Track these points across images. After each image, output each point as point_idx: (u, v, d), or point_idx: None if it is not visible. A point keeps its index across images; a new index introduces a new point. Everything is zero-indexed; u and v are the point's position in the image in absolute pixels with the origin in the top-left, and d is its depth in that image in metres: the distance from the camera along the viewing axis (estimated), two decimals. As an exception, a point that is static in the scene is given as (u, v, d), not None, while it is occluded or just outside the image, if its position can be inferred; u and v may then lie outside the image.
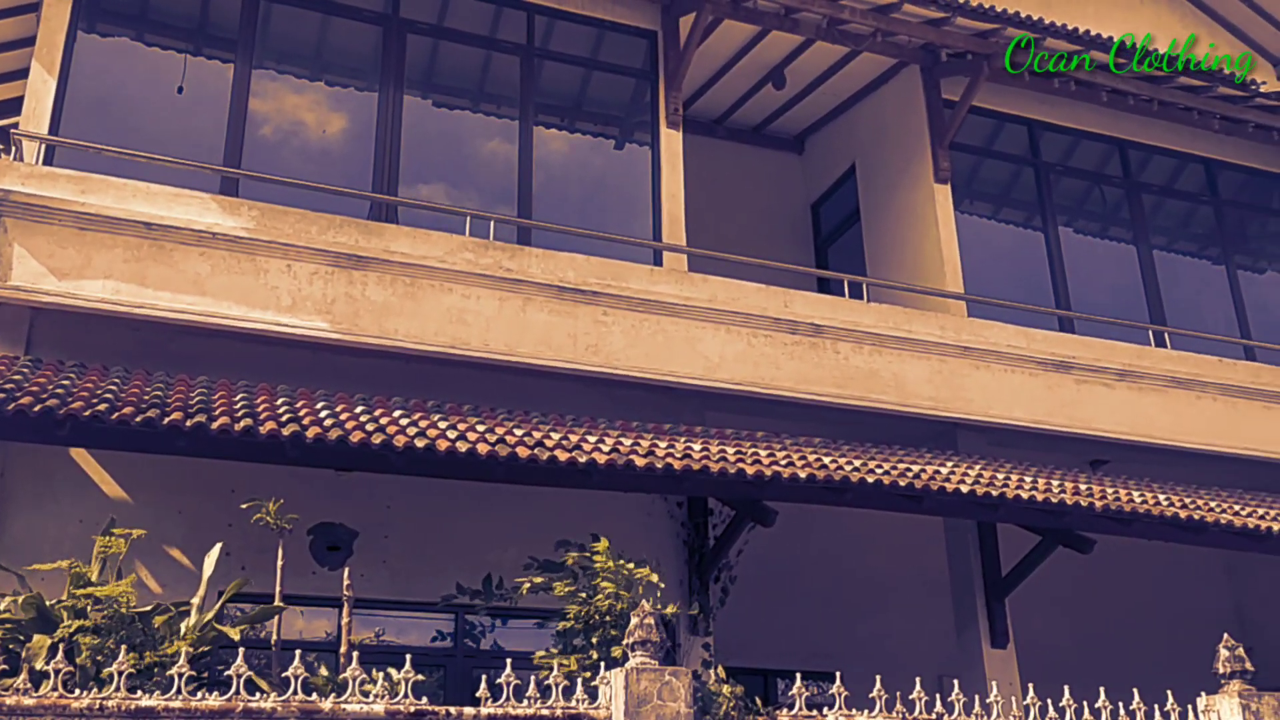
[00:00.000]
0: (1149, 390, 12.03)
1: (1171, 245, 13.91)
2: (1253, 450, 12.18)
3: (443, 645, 9.38)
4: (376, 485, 9.01)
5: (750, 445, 9.56)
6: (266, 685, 5.96)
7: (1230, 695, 7.03)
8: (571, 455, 8.27)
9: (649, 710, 5.68)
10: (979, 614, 10.99)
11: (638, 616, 6.01)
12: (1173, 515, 10.01)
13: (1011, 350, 11.60)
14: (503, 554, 8.97)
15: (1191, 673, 8.05)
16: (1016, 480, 10.02)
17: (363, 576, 8.62)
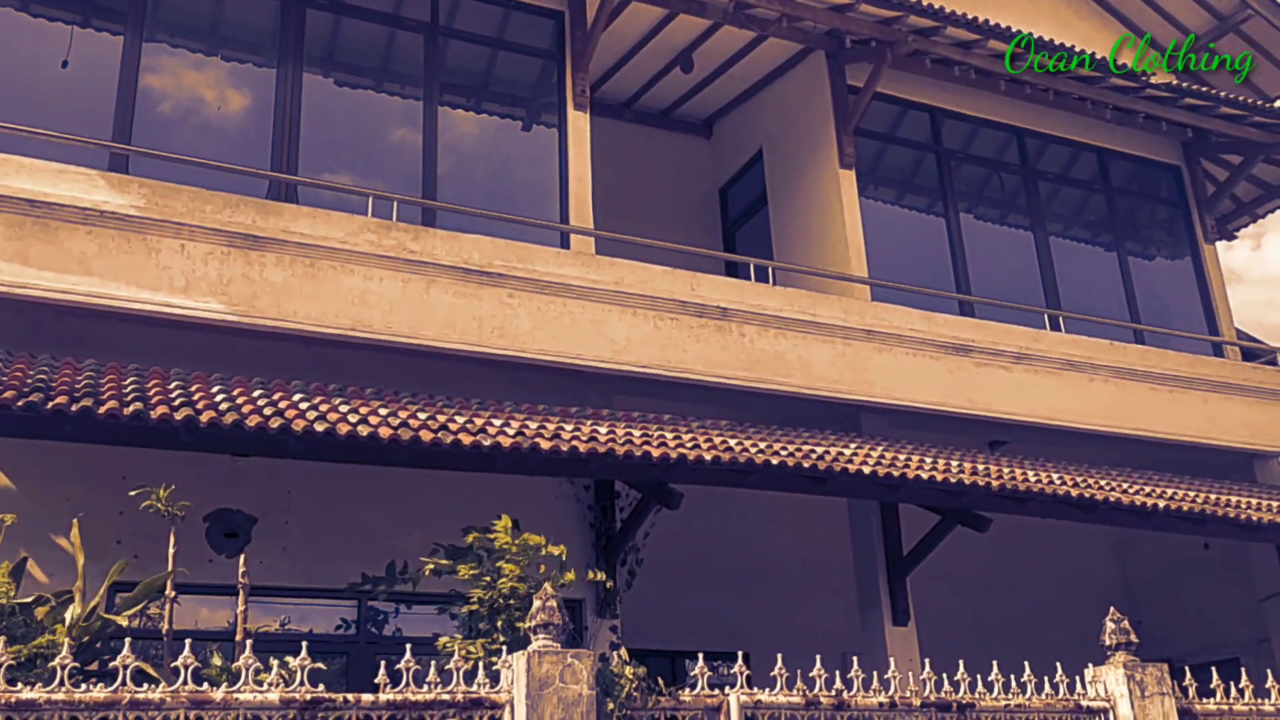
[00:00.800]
0: (1044, 373, 12.36)
1: (1066, 232, 14.29)
2: (1140, 431, 12.60)
3: (346, 633, 9.23)
4: (276, 470, 8.82)
5: (656, 428, 9.58)
6: (157, 675, 5.80)
7: (1115, 666, 7.26)
8: (476, 439, 8.19)
9: (550, 693, 5.66)
10: (881, 593, 11.18)
11: (540, 599, 5.97)
12: (1065, 494, 10.31)
13: (913, 334, 11.81)
14: (407, 539, 8.84)
15: (1083, 645, 8.31)
16: (917, 461, 10.21)
17: (262, 564, 8.45)
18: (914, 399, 11.61)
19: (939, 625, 11.21)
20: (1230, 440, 13.09)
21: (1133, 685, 7.15)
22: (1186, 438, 12.83)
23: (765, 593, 12.75)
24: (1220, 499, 11.32)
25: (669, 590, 11.71)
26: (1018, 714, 6.96)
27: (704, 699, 6.28)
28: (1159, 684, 7.24)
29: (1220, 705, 7.48)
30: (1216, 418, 13.06)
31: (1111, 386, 12.63)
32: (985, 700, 6.91)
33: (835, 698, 6.54)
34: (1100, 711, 7.21)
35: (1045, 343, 12.52)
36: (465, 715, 5.67)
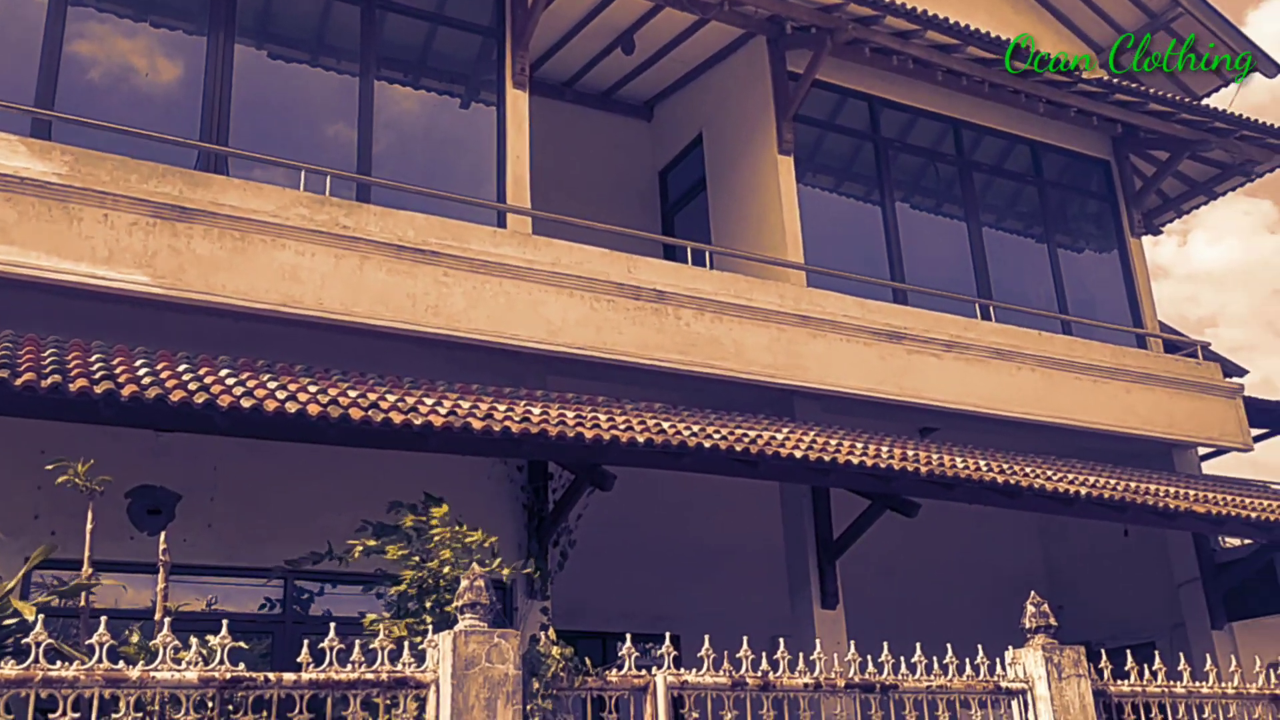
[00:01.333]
0: (974, 361, 12.55)
1: (999, 223, 14.51)
2: (1065, 419, 12.86)
3: (271, 612, 9.11)
4: (201, 447, 8.66)
5: (590, 410, 9.57)
6: (74, 653, 5.67)
7: (1035, 649, 7.41)
8: (407, 417, 8.12)
9: (476, 672, 5.64)
10: (811, 576, 11.30)
11: (468, 579, 5.94)
12: (991, 480, 10.49)
13: (848, 320, 11.92)
14: (337, 518, 8.73)
15: (1005, 629, 8.47)
16: (849, 446, 10.32)
17: (186, 541, 8.31)
18: (847, 385, 11.73)
19: (867, 608, 11.37)
20: (1151, 430, 13.41)
21: (1050, 667, 7.31)
22: (1109, 427, 13.12)
23: (697, 575, 12.83)
24: (1140, 487, 11.60)
25: (601, 572, 11.73)
26: (939, 694, 7.07)
27: (631, 679, 6.30)
28: (1076, 666, 7.40)
29: (1134, 687, 7.67)
30: (1138, 408, 13.37)
31: (1038, 376, 12.86)
32: (908, 681, 7.01)
33: (761, 679, 6.60)
34: (1019, 693, 7.35)
35: (975, 331, 12.71)
36: (389, 695, 5.62)
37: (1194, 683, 7.91)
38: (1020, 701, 7.34)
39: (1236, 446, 14.26)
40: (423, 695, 5.67)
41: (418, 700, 5.67)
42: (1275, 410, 17.46)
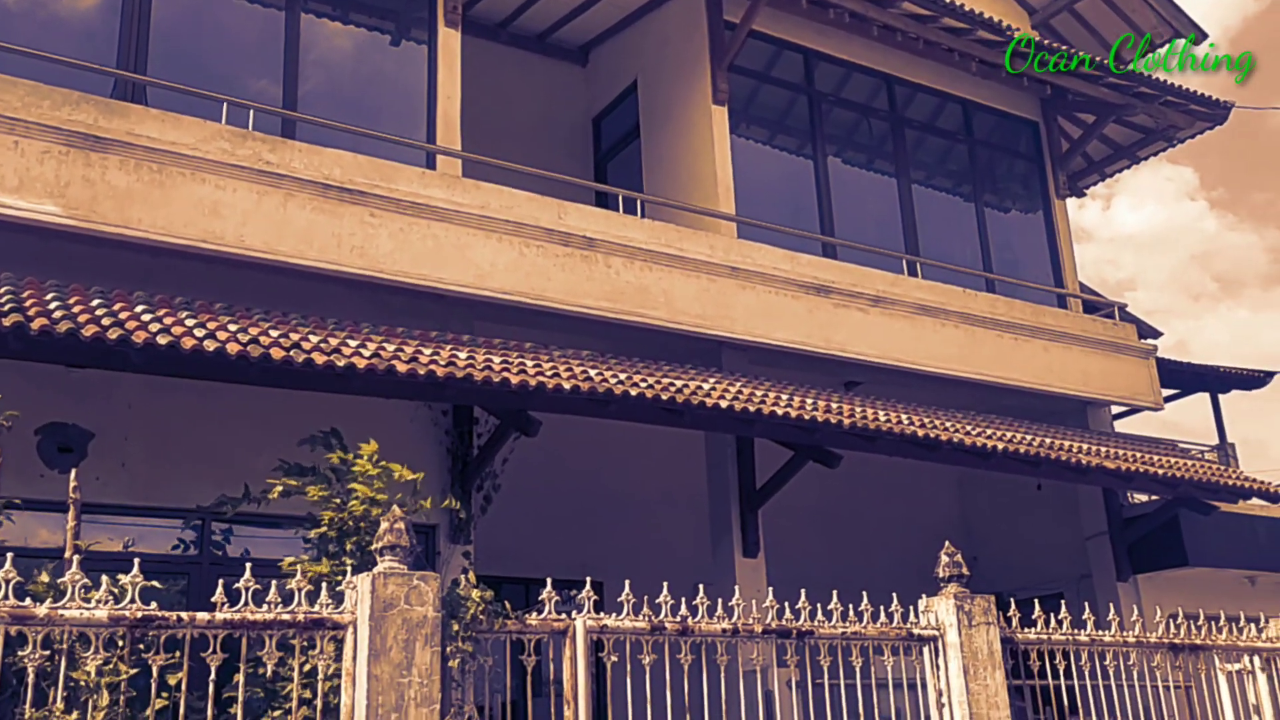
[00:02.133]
0: (899, 316, 12.71)
1: (928, 180, 14.64)
2: (986, 376, 13.10)
3: (188, 553, 8.98)
4: (116, 384, 8.47)
5: (517, 355, 9.52)
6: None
7: (947, 597, 7.59)
8: (330, 359, 8.01)
9: (395, 614, 5.62)
10: (733, 525, 11.44)
11: (388, 521, 5.90)
12: (912, 434, 10.68)
13: (777, 273, 11.98)
14: (256, 459, 8.59)
15: (921, 578, 8.67)
16: (774, 398, 10.42)
17: (98, 480, 8.13)
18: (774, 337, 11.81)
19: (788, 557, 11.55)
20: (1067, 388, 13.73)
21: (961, 615, 7.50)
22: (1027, 384, 13.40)
23: (621, 523, 12.92)
24: (1054, 443, 11.90)
25: (525, 518, 11.76)
26: (853, 641, 7.23)
27: (551, 623, 6.33)
28: (985, 614, 7.61)
29: (1040, 635, 7.91)
30: (1055, 366, 13.67)
31: (961, 332, 13.07)
32: (824, 628, 7.15)
33: (680, 624, 6.68)
34: (930, 639, 7.54)
35: (902, 287, 12.86)
36: (306, 635, 5.59)
37: (1097, 631, 8.17)
38: (931, 648, 7.53)
39: (1148, 406, 14.67)
40: (340, 636, 5.64)
41: (335, 642, 5.64)
42: (1186, 372, 18.02)
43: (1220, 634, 8.77)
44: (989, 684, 7.42)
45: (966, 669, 7.37)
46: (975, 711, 7.30)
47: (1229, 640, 8.77)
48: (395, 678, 5.54)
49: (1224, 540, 13.60)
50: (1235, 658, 8.87)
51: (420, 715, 5.55)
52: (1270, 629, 9.05)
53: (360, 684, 5.50)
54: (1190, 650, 8.53)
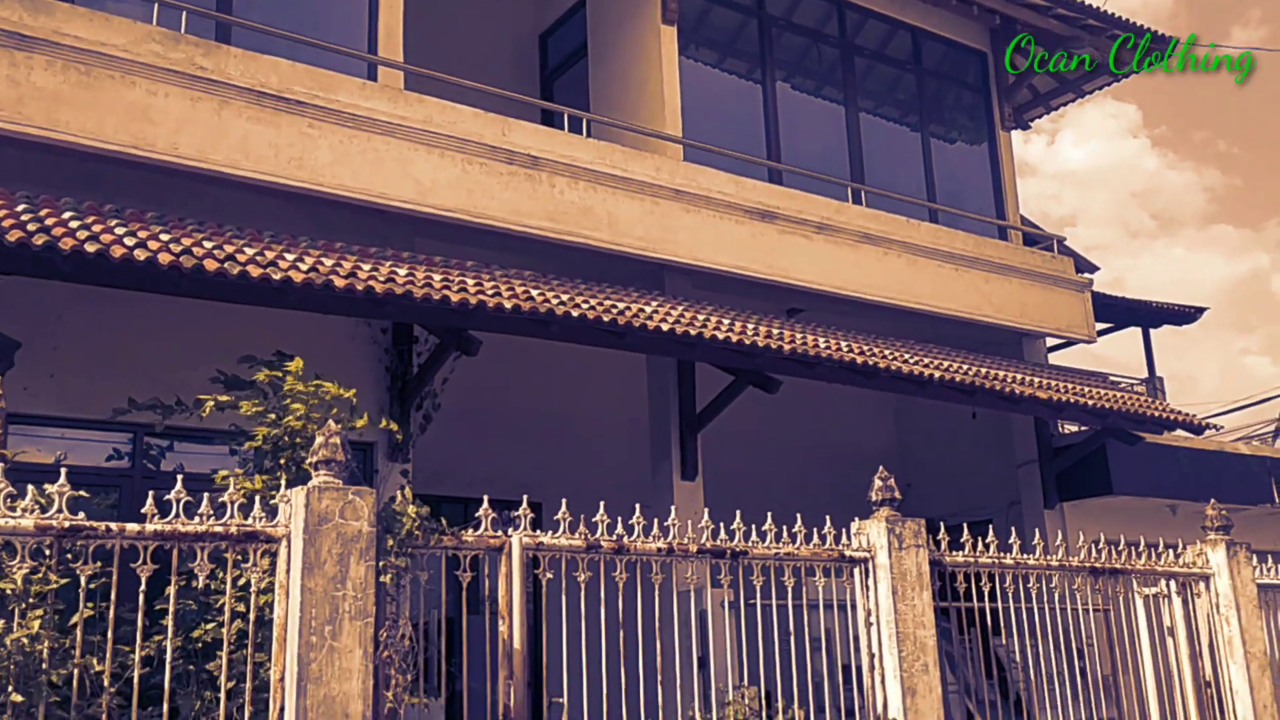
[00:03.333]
0: (843, 244, 12.75)
1: (876, 109, 14.59)
2: (926, 305, 13.23)
3: (119, 465, 8.86)
4: (45, 293, 8.24)
5: (458, 273, 9.43)
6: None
7: (879, 520, 7.75)
8: (265, 272, 7.87)
9: (330, 528, 5.61)
10: (672, 448, 11.53)
11: (323, 435, 5.85)
12: (850, 360, 10.79)
13: (722, 197, 11.93)
14: (191, 373, 8.46)
15: (856, 503, 8.80)
16: (715, 322, 10.45)
17: (26, 390, 7.97)
18: (717, 261, 11.80)
19: (726, 481, 11.67)
20: (1004, 319, 13.92)
21: (892, 538, 7.66)
22: (966, 314, 13.56)
23: (561, 445, 12.96)
24: (989, 373, 12.10)
25: (465, 439, 11.75)
26: (786, 561, 7.36)
27: (487, 539, 6.36)
28: (916, 537, 7.78)
29: (967, 558, 8.12)
30: (994, 297, 13.84)
31: (903, 261, 13.16)
32: (757, 549, 7.27)
33: (616, 542, 6.74)
34: (861, 561, 7.70)
35: (846, 215, 12.89)
36: (239, 548, 5.56)
37: (1022, 555, 8.40)
38: (862, 569, 7.70)
39: (1082, 338, 14.94)
40: (274, 550, 5.62)
41: (269, 555, 5.62)
42: (1119, 306, 18.36)
43: (1139, 559, 9.06)
44: (916, 604, 7.61)
45: (895, 590, 7.55)
46: (902, 630, 7.49)
47: (1147, 565, 9.07)
48: (330, 591, 5.55)
49: (1148, 470, 13.99)
50: (1152, 582, 9.18)
51: (355, 628, 5.57)
52: (1187, 554, 9.38)
53: (294, 596, 5.50)
54: (1110, 574, 8.81)
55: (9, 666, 4.74)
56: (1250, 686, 9.02)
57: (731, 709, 6.95)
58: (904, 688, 7.38)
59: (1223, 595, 9.23)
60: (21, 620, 4.84)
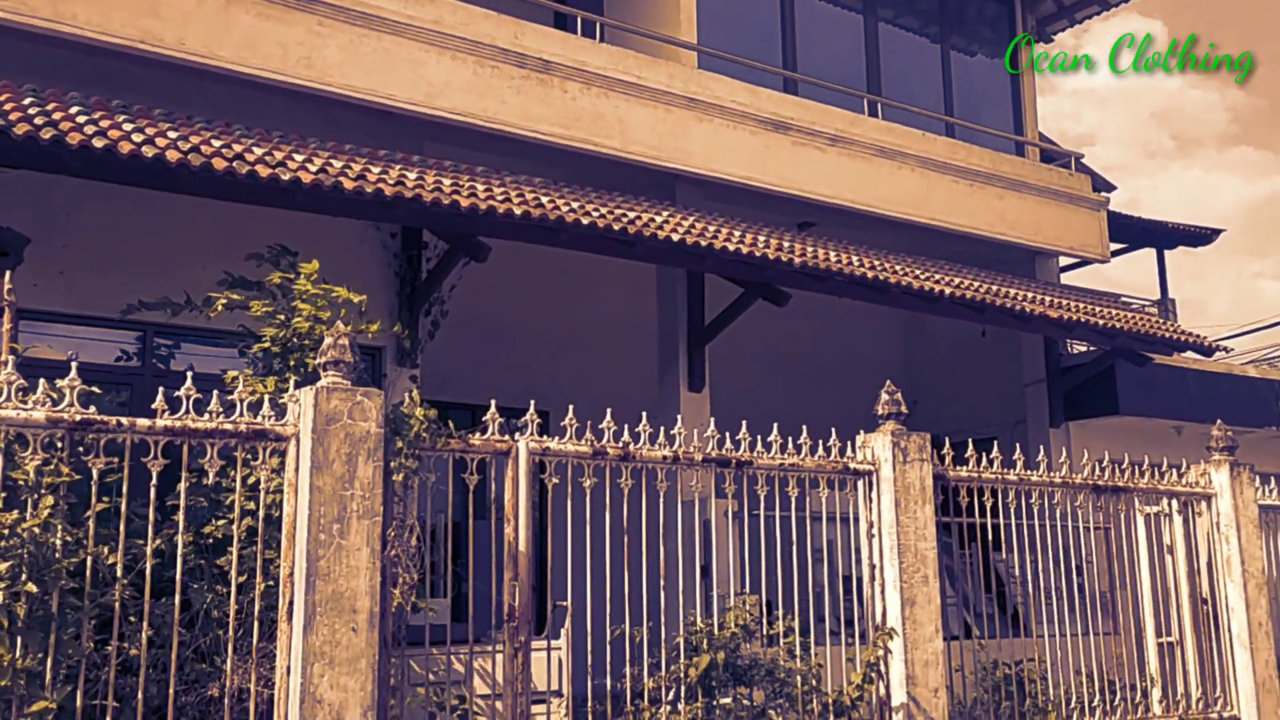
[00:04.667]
0: (858, 157, 12.59)
1: (896, 19, 14.28)
2: (939, 221, 13.11)
3: (129, 364, 8.91)
4: (53, 189, 8.21)
5: (468, 179, 9.35)
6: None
7: (884, 434, 7.77)
8: (274, 171, 7.81)
9: (338, 428, 5.64)
10: (680, 359, 11.55)
11: (332, 336, 5.86)
12: (861, 275, 10.73)
13: (736, 106, 11.75)
14: (200, 273, 8.42)
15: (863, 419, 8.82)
16: (726, 233, 10.38)
17: (36, 286, 7.96)
18: (730, 172, 11.68)
19: (732, 393, 11.69)
20: (1018, 236, 13.80)
21: (897, 451, 7.69)
22: (980, 231, 13.45)
23: (568, 355, 12.96)
24: (1000, 290, 12.04)
25: (473, 346, 11.76)
26: (791, 472, 7.40)
27: (494, 443, 6.40)
28: (920, 451, 7.80)
29: (971, 473, 8.15)
30: (1008, 214, 13.70)
31: (918, 176, 13.01)
32: (762, 459, 7.30)
33: (622, 449, 6.78)
34: (866, 473, 7.74)
35: (861, 128, 12.70)
36: (248, 446, 5.61)
37: (1025, 471, 8.44)
38: (866, 482, 7.74)
39: (1096, 257, 14.83)
40: (282, 449, 5.66)
41: (278, 454, 5.67)
42: (1135, 226, 18.19)
43: (1142, 478, 9.10)
44: (919, 517, 7.67)
45: (898, 502, 7.61)
46: (904, 542, 7.56)
47: (1149, 484, 9.11)
48: (338, 490, 5.60)
49: (1155, 391, 14.00)
50: (1154, 500, 9.24)
51: (362, 527, 5.64)
52: (1190, 474, 9.41)
53: (303, 495, 5.56)
54: (1112, 492, 8.86)
55: (22, 555, 4.81)
56: (1246, 604, 9.13)
57: (732, 615, 7.06)
58: (903, 598, 7.48)
59: (1224, 515, 9.29)
60: (34, 510, 4.90)
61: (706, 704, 6.71)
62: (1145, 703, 8.76)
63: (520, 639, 6.19)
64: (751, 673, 6.99)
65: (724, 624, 6.99)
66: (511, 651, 6.16)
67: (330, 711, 5.37)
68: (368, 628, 5.56)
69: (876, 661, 7.39)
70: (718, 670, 6.79)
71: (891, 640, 7.40)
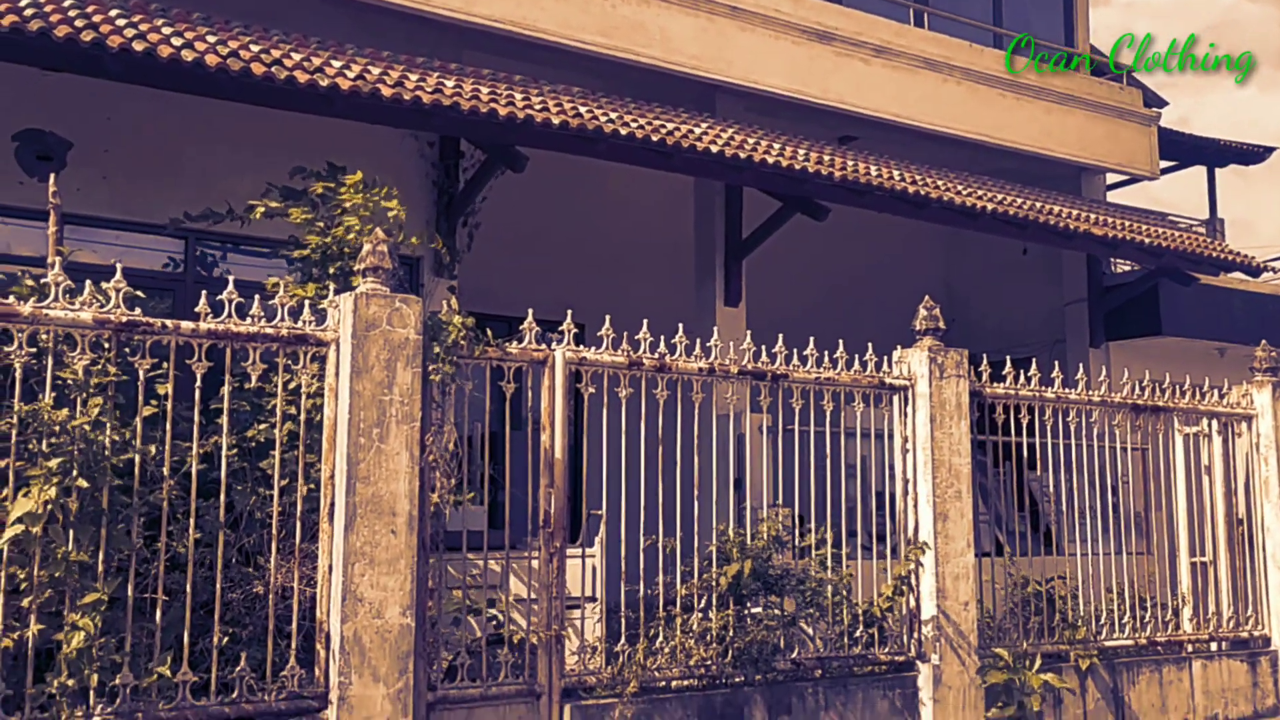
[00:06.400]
0: (902, 69, 12.34)
1: (947, -77, 13.86)
2: (985, 136, 12.86)
3: (173, 270, 9.00)
4: (95, 93, 8.20)
5: (506, 87, 9.26)
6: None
7: (921, 349, 7.74)
8: (313, 78, 7.77)
9: (377, 334, 5.70)
10: (717, 273, 11.50)
11: (370, 243, 5.89)
12: (902, 190, 10.59)
13: (778, 15, 11.52)
14: (239, 181, 8.46)
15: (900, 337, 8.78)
16: (765, 146, 10.25)
17: (79, 191, 8.02)
18: (771, 84, 11.49)
19: (768, 308, 11.63)
20: (1065, 152, 13.54)
21: (933, 367, 7.66)
22: (1026, 146, 13.19)
23: (605, 267, 12.91)
24: (1044, 206, 11.85)
25: (510, 258, 11.73)
26: (826, 386, 7.41)
27: (531, 352, 6.45)
28: (957, 367, 7.78)
29: (1008, 390, 8.13)
30: (1055, 129, 13.42)
31: (964, 89, 12.74)
32: (798, 372, 7.31)
33: (658, 360, 6.81)
34: (901, 389, 7.74)
35: (907, 38, 12.42)
36: (289, 350, 5.68)
37: (1063, 390, 8.40)
38: (901, 397, 7.74)
39: (1144, 174, 14.53)
40: (322, 354, 5.74)
41: (318, 360, 5.74)
42: (1185, 143, 17.77)
43: (1182, 398, 9.03)
44: (954, 432, 7.68)
45: (934, 418, 7.61)
46: (938, 457, 7.58)
47: (1189, 404, 9.05)
48: (377, 395, 5.68)
49: (1199, 312, 13.80)
50: (1193, 421, 9.18)
51: (401, 431, 5.72)
52: (1231, 395, 9.33)
53: (343, 399, 5.64)
54: (1151, 411, 8.81)
55: (73, 453, 4.93)
56: (1281, 526, 9.11)
57: (765, 526, 7.13)
58: (936, 512, 7.52)
59: (1264, 436, 9.22)
60: (83, 409, 5.01)
61: (737, 612, 6.82)
62: (1176, 620, 8.81)
63: (556, 545, 6.30)
64: (782, 582, 7.09)
65: (756, 534, 7.07)
66: (547, 557, 6.28)
67: (371, 609, 5.52)
68: (406, 530, 5.68)
69: (907, 574, 7.47)
70: (749, 579, 6.88)
71: (923, 554, 7.47)
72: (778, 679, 6.90)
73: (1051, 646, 8.03)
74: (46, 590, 4.85)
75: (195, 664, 5.22)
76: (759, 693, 6.80)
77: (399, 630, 5.58)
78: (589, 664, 6.38)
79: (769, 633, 6.87)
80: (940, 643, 7.40)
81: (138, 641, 5.11)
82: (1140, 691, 8.40)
